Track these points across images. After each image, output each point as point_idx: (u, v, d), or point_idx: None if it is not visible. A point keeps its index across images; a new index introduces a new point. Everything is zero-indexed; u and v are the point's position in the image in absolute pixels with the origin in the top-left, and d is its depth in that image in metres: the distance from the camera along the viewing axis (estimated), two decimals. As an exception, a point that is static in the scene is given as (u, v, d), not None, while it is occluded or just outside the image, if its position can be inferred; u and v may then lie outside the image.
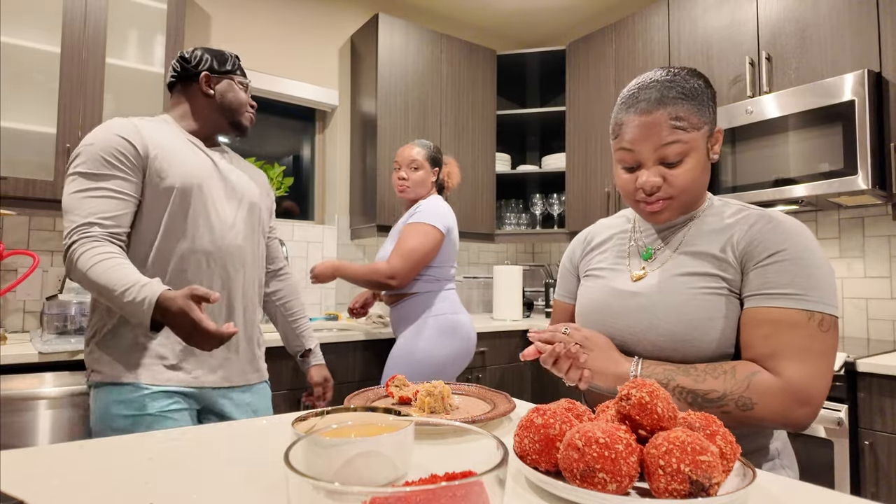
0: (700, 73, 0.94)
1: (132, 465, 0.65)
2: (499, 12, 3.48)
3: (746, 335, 0.85)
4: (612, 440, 0.52)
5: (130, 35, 2.22)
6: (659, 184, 0.89)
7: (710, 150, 0.92)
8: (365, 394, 0.99)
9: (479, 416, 0.82)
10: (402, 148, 2.15)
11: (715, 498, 0.49)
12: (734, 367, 0.82)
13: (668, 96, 0.88)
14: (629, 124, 0.90)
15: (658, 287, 0.92)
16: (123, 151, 1.22)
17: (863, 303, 2.22)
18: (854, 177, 1.86)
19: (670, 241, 0.96)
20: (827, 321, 0.81)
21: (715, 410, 0.80)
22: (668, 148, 0.87)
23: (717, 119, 2.22)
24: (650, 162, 0.90)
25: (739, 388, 0.79)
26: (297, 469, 0.35)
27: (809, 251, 0.83)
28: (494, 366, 2.72)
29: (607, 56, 2.91)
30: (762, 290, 0.84)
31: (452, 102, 3.09)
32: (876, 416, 1.63)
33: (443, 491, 0.33)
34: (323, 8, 3.05)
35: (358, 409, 0.67)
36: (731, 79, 2.32)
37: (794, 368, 0.79)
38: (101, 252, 1.13)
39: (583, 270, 1.11)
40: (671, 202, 0.91)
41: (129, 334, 1.23)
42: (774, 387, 0.78)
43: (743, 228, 0.89)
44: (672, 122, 0.87)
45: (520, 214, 3.47)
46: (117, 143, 1.22)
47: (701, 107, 0.88)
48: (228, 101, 1.39)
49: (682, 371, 0.83)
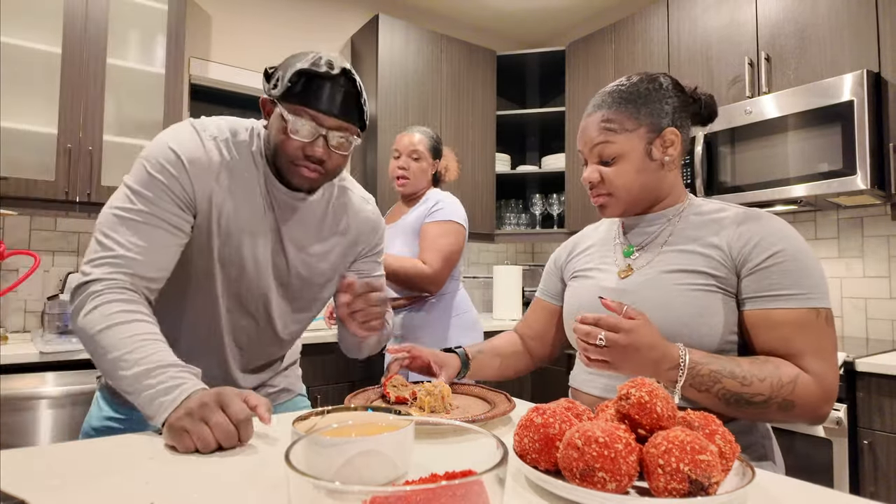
0: (657, 78, 0.97)
1: (132, 465, 0.65)
2: (499, 12, 3.48)
3: (763, 338, 0.86)
4: (611, 439, 0.53)
5: (131, 35, 2.22)
6: (595, 179, 0.98)
7: (661, 152, 0.95)
8: (365, 393, 0.99)
9: (479, 416, 0.82)
10: (402, 134, 1.95)
11: (714, 497, 0.50)
12: (778, 367, 0.82)
13: (605, 101, 0.97)
14: (580, 126, 1.02)
15: (645, 284, 0.94)
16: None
17: (862, 302, 2.23)
18: (853, 177, 1.86)
19: (655, 239, 0.99)
20: (829, 315, 0.85)
21: (754, 412, 0.81)
22: (600, 147, 0.96)
23: (715, 119, 2.22)
24: (590, 159, 1.00)
25: (785, 391, 0.80)
26: (298, 468, 0.36)
27: (801, 249, 0.87)
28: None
29: (607, 56, 2.91)
30: (769, 292, 0.86)
31: (452, 103, 3.09)
32: (875, 415, 1.63)
33: (443, 490, 0.33)
34: (323, 8, 3.05)
35: (358, 408, 0.68)
36: (730, 79, 2.33)
37: (819, 366, 0.82)
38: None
39: (569, 273, 1.13)
40: (611, 198, 0.98)
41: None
42: (812, 387, 0.81)
43: (731, 228, 0.91)
44: (602, 124, 0.96)
45: (519, 214, 3.47)
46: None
47: (640, 108, 0.95)
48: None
49: (727, 371, 0.81)
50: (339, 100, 0.92)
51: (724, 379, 0.81)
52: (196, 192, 0.93)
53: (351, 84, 0.93)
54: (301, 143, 0.92)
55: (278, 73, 0.93)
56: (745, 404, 0.81)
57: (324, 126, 0.92)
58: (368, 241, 1.15)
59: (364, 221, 1.13)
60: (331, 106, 0.91)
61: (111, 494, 0.56)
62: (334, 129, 0.93)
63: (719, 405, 0.82)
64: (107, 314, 0.81)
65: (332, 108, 0.91)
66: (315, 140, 0.92)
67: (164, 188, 0.90)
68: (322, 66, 0.90)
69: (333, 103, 0.91)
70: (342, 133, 0.94)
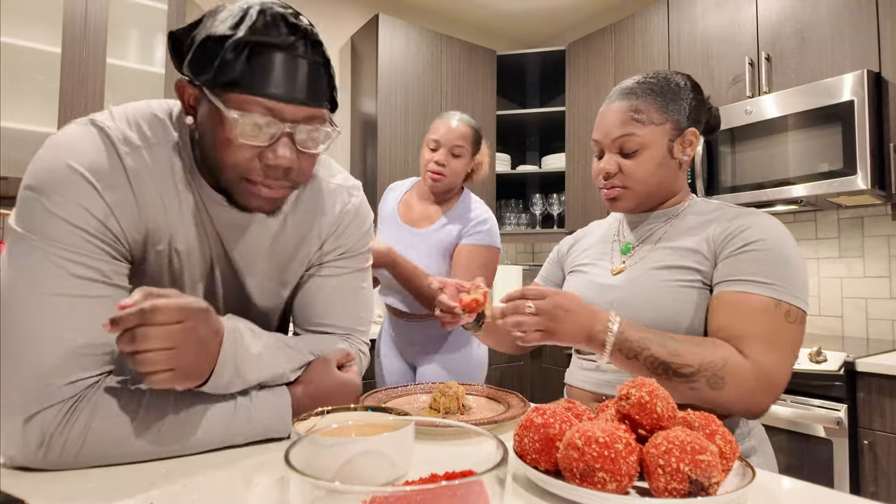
0: (688, 76, 0.98)
1: (132, 464, 0.65)
2: (499, 12, 3.48)
3: (715, 317, 0.85)
4: (611, 440, 0.53)
5: (131, 35, 2.22)
6: (613, 171, 0.95)
7: (681, 151, 0.95)
8: (376, 395, 0.98)
9: (495, 417, 0.82)
10: (444, 121, 1.60)
11: (714, 497, 0.50)
12: (714, 343, 0.81)
13: (634, 91, 0.94)
14: (600, 115, 0.99)
15: (635, 281, 0.94)
16: None
17: (862, 302, 2.22)
18: (853, 177, 1.86)
19: (651, 236, 0.99)
20: (794, 313, 0.82)
21: (683, 386, 0.79)
22: (624, 139, 0.93)
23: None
24: (609, 150, 0.96)
25: (715, 365, 0.78)
26: (298, 468, 0.35)
27: (783, 246, 0.85)
28: (494, 366, 2.72)
29: (607, 56, 2.91)
30: (732, 277, 0.85)
31: (452, 102, 3.08)
32: (875, 415, 1.63)
33: (443, 490, 0.33)
34: (323, 8, 3.05)
35: (358, 408, 0.68)
36: (730, 79, 2.32)
37: (762, 353, 0.79)
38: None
39: (568, 267, 1.14)
40: (626, 192, 0.96)
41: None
42: (747, 370, 0.78)
43: (721, 222, 0.91)
44: (630, 114, 0.93)
45: (519, 214, 3.47)
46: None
47: (668, 103, 0.93)
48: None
49: (658, 341, 0.81)
50: (304, 76, 0.64)
51: (654, 346, 0.80)
52: (123, 226, 0.67)
53: (314, 47, 0.66)
54: (255, 149, 0.65)
55: (198, 43, 0.64)
56: (674, 374, 0.79)
57: (286, 119, 0.65)
58: (342, 242, 0.87)
59: (336, 221, 0.86)
60: (292, 88, 0.64)
61: (111, 494, 0.56)
62: (301, 120, 0.66)
63: (648, 375, 0.81)
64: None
65: (296, 92, 0.64)
66: (276, 142, 0.65)
67: (77, 231, 0.63)
68: (273, 31, 0.62)
69: (296, 83, 0.64)
70: (312, 124, 0.67)
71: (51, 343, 0.61)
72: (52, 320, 0.61)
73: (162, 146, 0.70)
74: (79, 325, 0.62)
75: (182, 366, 0.59)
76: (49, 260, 0.61)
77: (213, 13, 0.66)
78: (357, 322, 0.89)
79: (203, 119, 0.67)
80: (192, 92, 0.68)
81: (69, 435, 0.60)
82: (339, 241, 0.87)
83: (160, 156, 0.70)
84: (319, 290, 0.86)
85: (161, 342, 0.57)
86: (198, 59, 0.64)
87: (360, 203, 0.90)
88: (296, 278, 0.87)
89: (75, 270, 0.62)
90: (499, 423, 0.81)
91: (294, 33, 0.64)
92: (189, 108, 0.69)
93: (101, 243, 0.65)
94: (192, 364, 0.61)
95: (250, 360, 0.69)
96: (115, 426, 0.62)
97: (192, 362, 0.61)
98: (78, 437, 0.61)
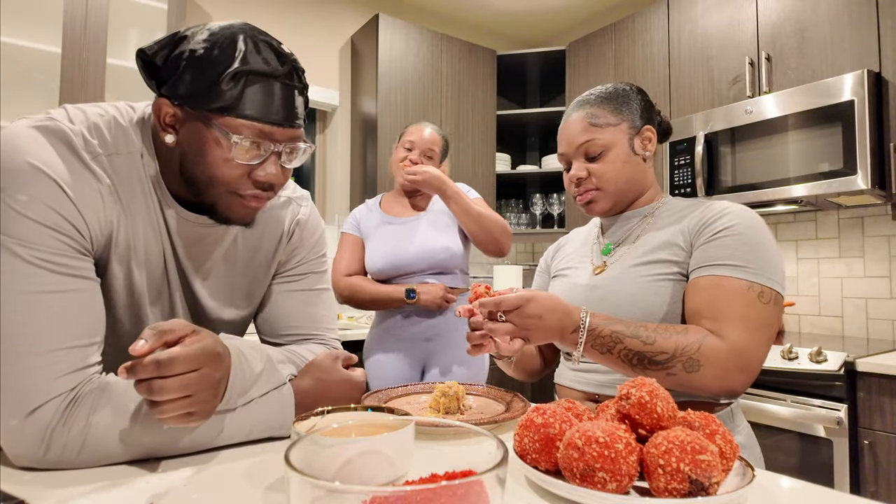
0: (633, 84, 1.06)
1: (132, 464, 0.65)
2: (499, 12, 3.48)
3: (690, 302, 0.87)
4: (611, 439, 0.53)
5: (131, 35, 2.22)
6: (584, 176, 1.00)
7: (641, 147, 1.01)
8: (376, 395, 0.99)
9: (496, 417, 0.82)
10: (418, 127, 1.78)
11: (714, 497, 0.50)
12: (686, 328, 0.83)
13: (587, 100, 1.02)
14: (560, 131, 1.04)
15: (615, 279, 0.96)
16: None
17: (862, 302, 2.22)
18: (853, 177, 1.86)
19: (629, 236, 1.02)
20: (767, 294, 0.83)
21: (660, 373, 0.80)
22: (588, 143, 0.99)
23: (714, 119, 2.23)
24: (575, 158, 1.02)
25: (690, 349, 0.79)
26: (298, 468, 0.35)
27: (754, 230, 0.87)
28: (494, 366, 2.72)
29: (607, 56, 2.91)
30: (705, 263, 0.87)
31: (452, 102, 3.09)
32: (875, 415, 1.63)
33: (443, 490, 0.33)
34: (323, 8, 3.05)
35: (358, 408, 0.68)
36: (730, 79, 2.32)
37: (736, 333, 0.80)
38: None
39: (553, 272, 1.16)
40: (599, 193, 1.00)
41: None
42: (721, 350, 0.80)
43: (696, 214, 0.94)
44: (588, 121, 0.99)
45: (520, 214, 3.47)
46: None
47: (620, 106, 1.00)
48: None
49: (630, 332, 0.82)
50: (292, 102, 0.71)
51: (626, 339, 0.81)
52: (89, 225, 0.68)
53: (298, 75, 0.72)
54: (247, 167, 0.70)
55: (184, 68, 0.66)
56: (649, 363, 0.80)
57: (277, 140, 0.70)
58: (299, 251, 0.91)
59: (290, 232, 0.90)
60: (284, 114, 0.70)
61: (111, 494, 0.56)
62: (288, 140, 0.72)
63: (624, 367, 0.82)
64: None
65: (287, 117, 0.70)
66: (266, 160, 0.71)
67: (47, 231, 0.63)
68: (265, 60, 0.68)
69: (286, 109, 0.70)
70: (295, 143, 0.73)
71: (35, 340, 0.61)
72: (32, 318, 0.61)
73: (122, 155, 0.72)
74: (58, 321, 0.63)
75: (198, 409, 0.61)
76: (21, 258, 0.62)
77: (190, 36, 0.68)
78: (327, 322, 0.93)
79: (188, 138, 0.69)
80: (171, 111, 0.69)
81: (70, 431, 0.61)
82: (295, 251, 0.91)
83: (120, 163, 0.71)
84: (285, 301, 0.90)
85: (178, 392, 0.57)
86: (185, 83, 0.67)
87: (310, 212, 0.94)
88: (259, 291, 0.90)
89: (49, 266, 0.63)
90: (499, 423, 0.80)
91: (283, 63, 0.69)
92: (166, 127, 0.70)
93: (70, 240, 0.66)
94: (209, 405, 0.63)
95: (254, 378, 0.72)
96: (116, 422, 0.62)
97: (208, 405, 0.62)
98: (79, 434, 0.61)
